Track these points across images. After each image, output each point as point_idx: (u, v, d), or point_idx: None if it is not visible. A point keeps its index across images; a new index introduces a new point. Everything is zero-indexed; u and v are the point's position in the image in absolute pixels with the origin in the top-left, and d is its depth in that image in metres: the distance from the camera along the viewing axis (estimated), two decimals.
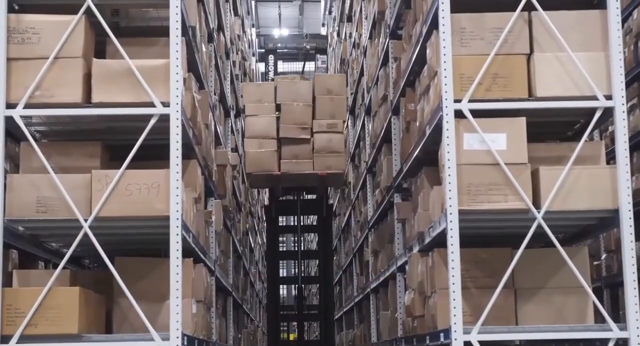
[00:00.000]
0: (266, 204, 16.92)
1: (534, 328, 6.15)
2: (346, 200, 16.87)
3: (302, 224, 14.22)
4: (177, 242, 5.98)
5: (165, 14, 6.48)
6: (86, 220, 6.00)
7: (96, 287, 6.37)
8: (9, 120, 6.12)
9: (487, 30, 6.31)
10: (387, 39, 9.58)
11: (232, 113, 12.41)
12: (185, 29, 6.59)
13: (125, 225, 6.17)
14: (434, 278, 6.52)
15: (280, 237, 23.87)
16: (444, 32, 6.22)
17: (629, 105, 9.68)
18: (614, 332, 6.01)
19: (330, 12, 22.59)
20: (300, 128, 12.44)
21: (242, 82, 14.93)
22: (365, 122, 12.79)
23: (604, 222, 6.44)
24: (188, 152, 6.79)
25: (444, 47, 6.21)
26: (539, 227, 6.07)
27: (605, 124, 8.96)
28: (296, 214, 13.94)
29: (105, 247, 6.04)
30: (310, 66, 24.93)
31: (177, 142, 6.06)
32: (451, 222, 6.01)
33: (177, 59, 6.14)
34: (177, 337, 5.90)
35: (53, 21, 6.20)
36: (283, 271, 29.65)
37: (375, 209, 11.58)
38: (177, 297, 5.95)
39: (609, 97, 6.22)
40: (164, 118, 6.10)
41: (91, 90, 6.16)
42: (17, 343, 5.82)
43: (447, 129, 6.12)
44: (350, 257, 15.63)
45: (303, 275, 14.12)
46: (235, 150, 12.87)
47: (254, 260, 19.88)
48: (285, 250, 27.93)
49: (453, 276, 5.98)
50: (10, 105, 6.11)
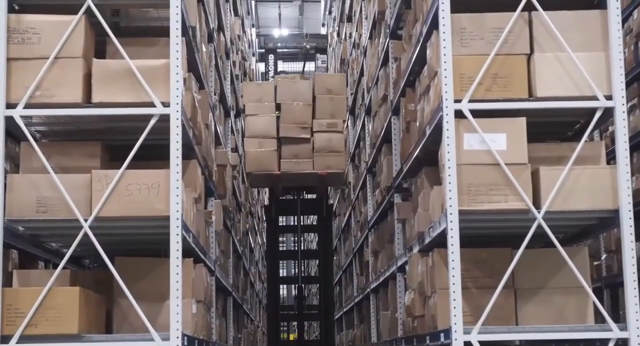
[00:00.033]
0: (266, 204, 16.91)
1: (534, 328, 6.15)
2: (346, 200, 16.87)
3: (302, 224, 14.21)
4: (177, 242, 5.98)
5: (165, 14, 6.48)
6: (86, 220, 6.00)
7: (96, 287, 6.37)
8: (9, 120, 6.12)
9: (487, 30, 6.30)
10: (387, 39, 9.57)
11: (232, 113, 12.40)
12: (185, 29, 6.59)
13: (125, 225, 6.17)
14: (434, 278, 6.52)
15: (280, 237, 23.86)
16: (444, 32, 6.22)
17: (629, 105, 9.67)
18: (614, 332, 6.01)
19: (330, 12, 22.59)
20: (300, 128, 12.43)
21: (242, 82, 14.92)
22: (365, 122, 12.78)
23: (604, 222, 6.44)
24: (188, 152, 6.78)
25: (444, 47, 6.21)
26: (539, 227, 6.07)
27: (605, 124, 8.96)
28: (296, 214, 13.93)
29: (105, 247, 6.03)
30: (310, 66, 24.91)
31: (177, 142, 6.06)
32: (451, 222, 6.01)
33: (177, 59, 6.14)
34: (177, 337, 5.90)
35: (53, 21, 6.20)
36: (283, 271, 29.65)
37: (375, 209, 11.58)
38: (177, 297, 5.95)
39: (609, 97, 6.22)
40: (164, 119, 6.10)
41: (91, 90, 6.16)
42: (17, 343, 5.82)
43: (447, 129, 6.12)
44: (350, 257, 15.62)
45: (303, 275, 14.11)
46: (235, 150, 12.86)
47: (254, 260, 19.87)
48: (285, 249, 27.92)
49: (453, 276, 5.98)
50: (10, 105, 6.11)
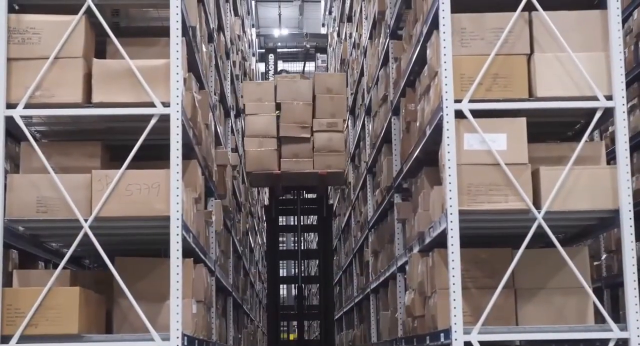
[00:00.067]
0: (266, 204, 16.90)
1: (534, 328, 6.16)
2: (346, 200, 16.86)
3: (302, 224, 14.21)
4: (178, 242, 5.98)
5: (165, 14, 6.48)
6: (86, 220, 6.00)
7: (96, 287, 6.37)
8: (9, 120, 6.12)
9: (488, 31, 6.30)
10: (387, 39, 9.57)
11: (232, 114, 12.40)
12: (185, 29, 6.59)
13: (125, 225, 6.17)
14: (434, 278, 6.52)
15: (280, 237, 23.86)
16: (444, 32, 6.22)
17: (629, 105, 9.67)
18: (614, 332, 6.01)
19: (330, 13, 22.59)
20: (301, 127, 12.42)
21: (242, 82, 14.92)
22: (366, 122, 12.78)
23: (604, 222, 6.44)
24: (188, 152, 6.78)
25: (445, 47, 6.21)
26: (539, 227, 6.07)
27: (605, 124, 8.95)
28: (296, 214, 13.93)
29: (106, 247, 6.03)
30: (310, 66, 24.89)
31: (178, 142, 6.06)
32: (451, 222, 6.01)
33: (177, 59, 6.14)
34: (177, 337, 5.90)
35: (53, 21, 6.20)
36: (283, 271, 29.63)
37: (375, 209, 11.58)
38: (178, 297, 5.95)
39: (609, 98, 6.22)
40: (164, 119, 6.10)
41: (91, 90, 6.16)
42: (17, 343, 5.82)
43: (448, 129, 6.12)
44: (350, 257, 15.62)
45: (303, 275, 14.11)
46: (235, 150, 12.86)
47: (254, 260, 19.87)
48: (285, 249, 27.90)
49: (453, 276, 5.98)
50: (10, 105, 6.11)
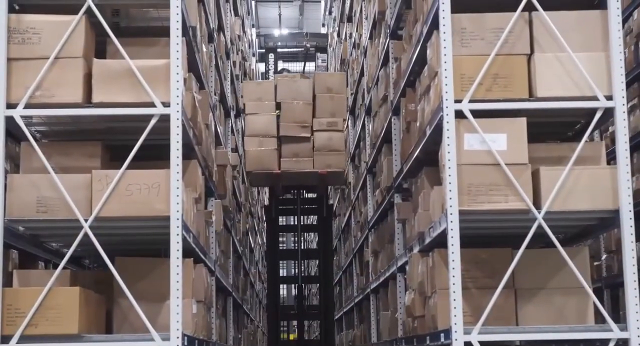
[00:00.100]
0: (266, 204, 16.90)
1: (535, 328, 6.15)
2: (346, 200, 16.86)
3: (302, 224, 14.21)
4: (178, 242, 5.98)
5: (165, 14, 6.48)
6: (86, 220, 6.00)
7: (96, 287, 6.37)
8: (9, 120, 6.12)
9: (488, 31, 6.30)
10: (388, 39, 9.57)
11: (232, 114, 12.40)
12: (185, 29, 6.59)
13: (125, 225, 6.17)
14: (434, 278, 6.52)
15: (280, 237, 23.86)
16: (444, 32, 6.22)
17: (629, 105, 9.67)
18: (614, 333, 6.01)
19: (330, 13, 22.59)
20: (301, 127, 12.43)
21: (242, 82, 14.92)
22: (366, 122, 12.78)
23: (605, 223, 6.44)
24: (188, 152, 6.78)
25: (445, 47, 6.21)
26: (539, 227, 6.07)
27: (605, 124, 8.95)
28: (296, 214, 13.93)
29: (106, 247, 6.03)
30: (310, 66, 24.88)
31: (178, 142, 6.06)
32: (451, 222, 6.01)
33: (177, 59, 6.14)
34: (178, 337, 5.90)
35: (53, 21, 6.20)
36: (283, 271, 29.63)
37: (375, 209, 11.57)
38: (178, 297, 5.95)
39: (609, 98, 6.22)
40: (165, 119, 6.10)
41: (92, 90, 6.16)
42: (17, 343, 5.82)
43: (448, 129, 6.12)
44: (350, 257, 15.62)
45: (303, 275, 14.11)
46: (235, 150, 12.86)
47: (254, 260, 19.87)
48: (285, 249, 27.90)
49: (453, 276, 5.98)
50: (10, 105, 6.11)
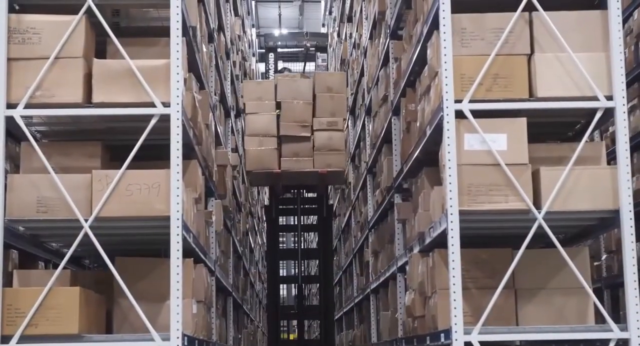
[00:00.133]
0: (266, 204, 16.91)
1: (535, 328, 6.15)
2: (346, 200, 16.86)
3: (302, 224, 14.21)
4: (178, 242, 5.98)
5: (165, 14, 6.48)
6: (86, 220, 6.00)
7: (96, 287, 6.37)
8: (9, 120, 6.12)
9: (488, 31, 6.30)
10: (388, 39, 9.57)
11: (233, 114, 12.40)
12: (185, 29, 6.59)
13: (125, 225, 6.17)
14: (434, 278, 6.52)
15: (280, 237, 23.88)
16: (444, 33, 6.22)
17: (629, 105, 9.67)
18: (614, 333, 6.01)
19: (330, 13, 22.59)
20: (301, 126, 12.43)
21: (242, 82, 14.92)
22: (366, 122, 12.77)
23: (605, 223, 6.44)
24: (188, 152, 6.78)
25: (445, 47, 6.21)
26: (539, 227, 6.07)
27: (605, 125, 8.95)
28: (296, 214, 13.92)
29: (106, 247, 6.03)
30: (310, 66, 24.88)
31: (178, 142, 6.06)
32: (452, 222, 6.01)
33: (177, 59, 6.14)
34: (178, 337, 5.90)
35: (54, 21, 6.20)
36: (283, 271, 29.64)
37: (375, 209, 11.57)
38: (178, 297, 5.95)
39: (609, 98, 6.22)
40: (165, 119, 6.09)
41: (92, 90, 6.16)
42: (17, 343, 5.82)
43: (448, 129, 6.11)
44: (350, 258, 15.62)
45: (303, 275, 14.11)
46: (235, 150, 12.86)
47: (254, 260, 19.87)
48: (285, 248, 27.89)
49: (453, 276, 5.98)
50: (10, 105, 6.11)
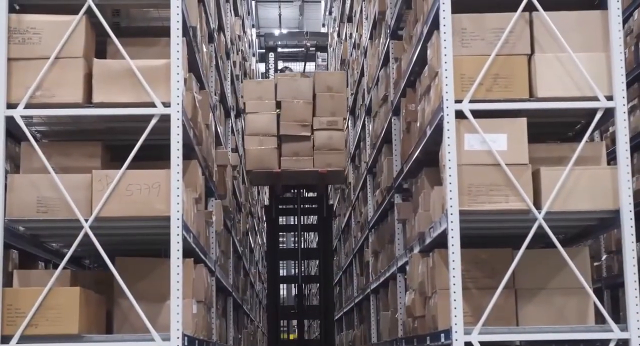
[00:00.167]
0: (266, 204, 16.90)
1: (535, 328, 6.15)
2: (346, 200, 16.86)
3: (302, 224, 14.21)
4: (178, 242, 5.98)
5: (166, 14, 6.48)
6: (87, 220, 6.00)
7: (96, 287, 6.37)
8: (9, 120, 6.12)
9: (488, 31, 6.30)
10: (388, 40, 9.57)
11: (233, 114, 12.40)
12: (186, 29, 6.59)
13: (125, 225, 6.16)
14: (434, 278, 6.52)
15: (280, 237, 23.87)
16: (444, 33, 6.22)
17: (629, 105, 9.67)
18: (614, 333, 6.01)
19: (330, 13, 22.59)
20: (301, 126, 12.43)
21: (242, 82, 14.93)
22: (366, 122, 12.78)
23: (605, 223, 6.44)
24: (189, 152, 6.78)
25: (445, 47, 6.21)
26: (539, 227, 6.07)
27: (605, 125, 8.95)
28: (296, 214, 13.92)
29: (106, 247, 6.03)
30: (310, 66, 24.89)
31: (178, 142, 6.06)
32: (452, 222, 6.01)
33: (177, 59, 6.14)
34: (178, 337, 5.90)
35: (54, 21, 6.20)
36: (283, 271, 29.63)
37: (375, 210, 11.57)
38: (178, 297, 5.95)
39: (609, 98, 6.22)
40: (165, 119, 6.09)
41: (92, 90, 6.15)
42: (17, 343, 5.82)
43: (448, 129, 6.11)
44: (351, 258, 15.62)
45: (303, 275, 14.11)
46: (235, 150, 12.86)
47: (254, 260, 19.87)
48: (285, 247, 27.89)
49: (454, 276, 5.98)
50: (11, 105, 6.10)
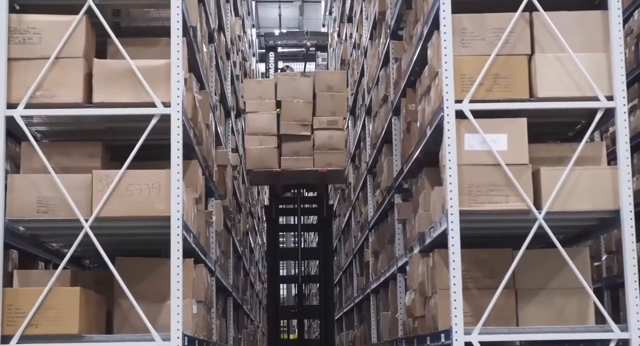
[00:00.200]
0: (266, 204, 16.91)
1: (535, 328, 6.15)
2: (346, 200, 16.86)
3: (302, 223, 14.21)
4: (178, 242, 5.98)
5: (166, 14, 6.48)
6: (87, 220, 6.00)
7: (97, 287, 6.37)
8: (9, 120, 6.12)
9: (488, 31, 6.30)
10: (388, 40, 9.57)
11: (233, 114, 12.40)
12: (186, 29, 6.59)
13: (126, 225, 6.16)
14: (434, 278, 6.52)
15: (280, 237, 23.86)
16: (445, 33, 6.22)
17: (629, 105, 9.67)
18: (614, 333, 6.01)
19: (330, 13, 22.60)
20: (301, 125, 12.43)
21: (242, 82, 14.93)
22: (366, 122, 12.77)
23: (605, 223, 6.44)
24: (189, 152, 6.78)
25: (445, 47, 6.21)
26: (539, 227, 6.07)
27: (606, 125, 8.96)
28: (296, 214, 13.92)
29: (106, 247, 6.03)
30: (310, 66, 24.89)
31: (178, 142, 6.06)
32: (452, 222, 6.01)
33: (178, 59, 6.14)
34: (178, 337, 5.90)
35: (54, 21, 6.20)
36: (283, 271, 29.61)
37: (375, 210, 11.57)
38: (178, 297, 5.95)
39: (610, 98, 6.22)
40: (165, 119, 6.09)
41: (92, 90, 6.15)
42: (17, 343, 5.82)
43: (448, 130, 6.11)
44: (351, 258, 15.62)
45: (303, 275, 14.11)
46: (235, 150, 12.86)
47: (254, 260, 19.87)
48: (285, 247, 27.88)
49: (454, 276, 5.98)
50: (11, 105, 6.10)
